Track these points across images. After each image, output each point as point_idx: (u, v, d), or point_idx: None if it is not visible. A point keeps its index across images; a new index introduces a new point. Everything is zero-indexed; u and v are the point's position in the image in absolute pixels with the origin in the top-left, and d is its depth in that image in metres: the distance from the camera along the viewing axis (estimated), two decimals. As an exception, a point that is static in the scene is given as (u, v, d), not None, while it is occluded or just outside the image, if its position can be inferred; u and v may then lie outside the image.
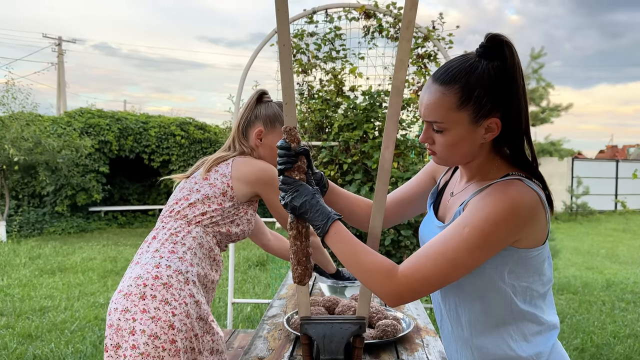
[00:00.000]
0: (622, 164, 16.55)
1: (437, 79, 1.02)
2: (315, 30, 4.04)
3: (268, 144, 1.72)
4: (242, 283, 5.90)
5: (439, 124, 1.02)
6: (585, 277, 6.53)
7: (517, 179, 1.00)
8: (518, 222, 0.95)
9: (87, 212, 11.01)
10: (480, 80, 0.98)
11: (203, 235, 1.61)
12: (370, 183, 3.75)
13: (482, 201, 0.98)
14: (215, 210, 1.61)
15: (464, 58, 1.02)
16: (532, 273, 1.04)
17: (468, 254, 0.94)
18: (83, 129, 10.77)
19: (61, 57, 21.83)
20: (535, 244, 1.01)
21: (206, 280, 1.60)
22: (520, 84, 0.99)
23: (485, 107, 0.99)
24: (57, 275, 6.31)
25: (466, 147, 1.04)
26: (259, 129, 1.72)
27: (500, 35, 0.99)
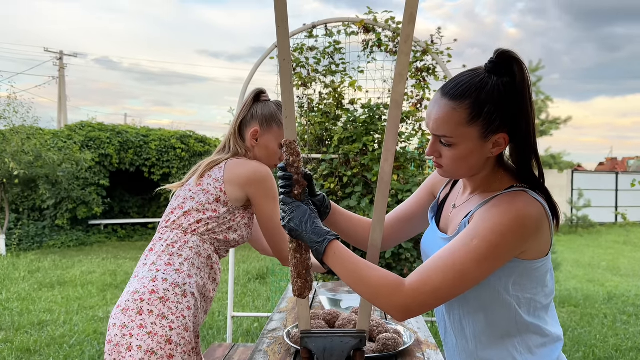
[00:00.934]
0: (621, 176, 16.56)
1: (447, 94, 1.02)
2: (315, 44, 4.07)
3: (264, 144, 1.66)
4: (242, 296, 5.87)
5: (447, 139, 1.02)
6: (587, 290, 6.50)
7: (522, 190, 1.01)
8: (525, 233, 0.96)
9: (87, 226, 11.00)
10: (491, 96, 0.99)
11: (200, 244, 1.57)
12: (370, 196, 3.75)
13: (489, 212, 0.98)
14: (210, 217, 1.57)
15: (474, 73, 1.02)
16: (536, 285, 1.04)
17: (476, 265, 0.94)
18: (84, 143, 10.80)
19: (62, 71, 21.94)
20: (539, 256, 1.02)
21: (205, 289, 1.58)
22: (529, 100, 1.00)
23: (494, 122, 1.00)
24: (56, 289, 6.28)
25: (473, 161, 1.04)
26: (255, 129, 1.66)
27: (510, 51, 1.00)
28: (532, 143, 1.02)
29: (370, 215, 3.53)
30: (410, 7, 1.03)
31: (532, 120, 1.01)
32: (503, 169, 1.08)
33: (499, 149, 1.03)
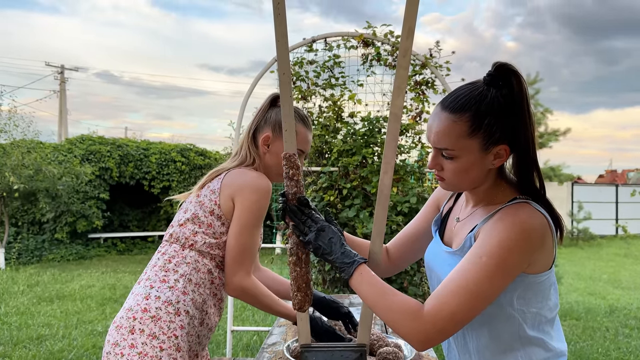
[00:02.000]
0: (621, 188, 16.57)
1: (447, 107, 1.03)
2: (314, 58, 4.10)
3: (275, 151, 1.56)
4: (242, 310, 5.84)
5: (449, 151, 1.03)
6: (588, 303, 6.47)
7: (524, 202, 1.01)
8: (531, 245, 0.96)
9: (87, 239, 10.97)
10: (491, 108, 1.00)
11: (199, 259, 1.49)
12: (370, 208, 3.75)
13: (495, 228, 0.98)
14: (206, 232, 1.50)
15: (473, 86, 1.03)
16: (540, 298, 1.04)
17: (489, 283, 0.94)
18: (84, 156, 10.82)
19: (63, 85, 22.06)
20: (543, 269, 1.02)
21: (205, 306, 1.51)
22: (527, 111, 1.01)
23: (495, 134, 1.01)
24: (55, 303, 6.25)
25: (475, 173, 1.05)
26: (267, 135, 1.56)
27: (508, 64, 1.01)
28: (533, 154, 1.03)
29: (369, 227, 3.52)
30: (409, 22, 1.04)
31: (532, 132, 1.02)
32: (505, 180, 1.09)
33: (500, 160, 1.04)
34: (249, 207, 1.46)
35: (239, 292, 1.47)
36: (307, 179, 3.98)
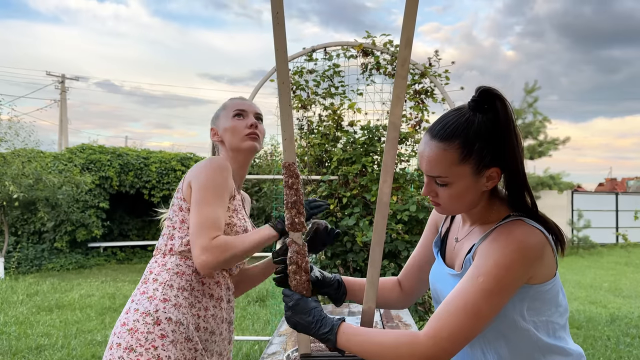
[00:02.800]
0: (621, 196, 16.56)
1: (436, 135, 1.05)
2: (314, 67, 4.12)
3: (222, 129, 1.64)
4: (242, 320, 5.82)
5: (442, 179, 1.05)
6: (589, 312, 6.45)
7: (518, 219, 1.03)
8: (527, 261, 0.97)
9: (87, 248, 10.95)
10: (479, 133, 1.02)
11: (181, 262, 1.47)
12: (370, 216, 3.75)
13: (491, 247, 1.00)
14: (180, 229, 1.50)
15: (459, 113, 1.05)
16: (550, 306, 1.05)
17: (487, 302, 0.96)
18: (84, 165, 10.83)
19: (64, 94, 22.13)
20: (547, 278, 1.03)
21: (195, 309, 1.46)
22: (515, 132, 1.03)
23: (485, 158, 1.03)
24: (54, 312, 6.23)
25: (470, 197, 1.07)
26: (211, 130, 1.69)
27: (491, 88, 1.03)
28: (522, 173, 1.05)
29: (369, 236, 3.52)
30: (407, 32, 1.05)
31: (520, 152, 1.04)
32: (497, 198, 1.11)
33: (493, 182, 1.06)
34: (202, 183, 1.44)
35: (204, 265, 1.37)
36: (307, 187, 3.99)
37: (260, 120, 1.69)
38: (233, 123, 1.62)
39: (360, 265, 3.71)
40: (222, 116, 1.66)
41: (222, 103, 1.72)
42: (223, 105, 1.71)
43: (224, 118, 1.65)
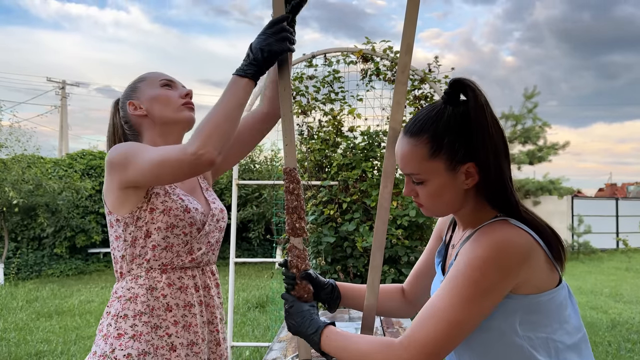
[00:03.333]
0: (622, 202, 16.55)
1: (407, 131, 1.01)
2: (314, 73, 4.14)
3: (149, 99, 1.38)
4: (242, 326, 5.80)
5: (416, 176, 1.01)
6: (590, 317, 6.43)
7: (503, 220, 0.96)
8: (507, 264, 0.89)
9: (86, 254, 10.94)
10: (447, 127, 0.97)
11: (132, 285, 1.28)
12: (370, 222, 3.75)
13: (469, 248, 0.93)
14: (115, 239, 1.31)
15: (431, 107, 1.02)
16: (551, 321, 0.95)
17: (463, 309, 0.88)
18: (84, 171, 10.83)
19: (64, 100, 22.16)
20: (544, 288, 0.94)
21: (160, 331, 1.27)
22: (490, 124, 0.96)
23: (458, 152, 0.97)
24: (54, 318, 6.22)
25: (449, 195, 1.01)
26: (130, 104, 1.39)
27: (463, 79, 0.98)
28: (502, 169, 0.97)
29: (369, 241, 3.52)
30: (407, 39, 1.06)
31: (499, 145, 0.97)
32: (487, 201, 1.03)
33: (473, 179, 0.99)
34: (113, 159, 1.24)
35: (203, 162, 1.13)
36: (307, 193, 3.99)
37: None
38: (163, 92, 1.39)
39: (361, 270, 3.71)
40: (143, 87, 1.40)
41: (133, 81, 1.45)
42: (139, 79, 1.44)
43: (147, 88, 1.40)
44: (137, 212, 1.27)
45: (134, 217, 1.27)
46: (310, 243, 3.79)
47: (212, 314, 1.40)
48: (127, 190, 1.25)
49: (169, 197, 1.29)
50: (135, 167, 1.20)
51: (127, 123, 1.42)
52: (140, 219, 1.27)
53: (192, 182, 1.45)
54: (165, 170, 1.16)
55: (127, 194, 1.26)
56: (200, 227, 1.34)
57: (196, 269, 1.36)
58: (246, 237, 11.70)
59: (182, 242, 1.31)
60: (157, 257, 1.29)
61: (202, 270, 1.38)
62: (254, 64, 1.19)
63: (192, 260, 1.33)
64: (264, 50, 1.17)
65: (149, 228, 1.27)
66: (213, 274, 1.44)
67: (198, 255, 1.34)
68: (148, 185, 1.26)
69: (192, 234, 1.32)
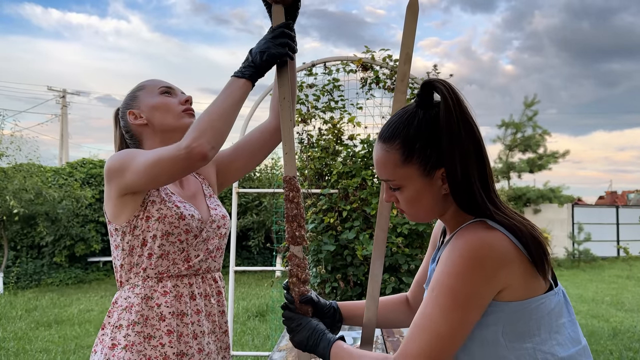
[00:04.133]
0: (622, 209, 16.54)
1: (381, 137, 1.00)
2: (314, 81, 4.15)
3: (149, 107, 1.38)
4: (242, 335, 5.78)
5: (392, 182, 0.99)
6: (591, 326, 6.41)
7: (479, 222, 0.92)
8: (486, 268, 0.85)
9: (86, 263, 10.92)
10: (419, 131, 0.95)
11: (129, 294, 1.29)
12: (370, 230, 3.75)
13: (445, 254, 0.90)
14: (115, 249, 1.33)
15: (403, 111, 0.99)
16: (539, 331, 0.90)
17: (445, 318, 0.85)
18: (84, 180, 10.84)
19: (65, 109, 22.22)
20: (529, 294, 0.89)
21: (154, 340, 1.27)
22: (455, 128, 0.91)
23: (431, 157, 0.95)
24: (53, 327, 6.19)
25: (427, 201, 0.98)
26: (130, 114, 1.39)
27: (434, 80, 0.95)
28: (470, 173, 0.92)
29: (369, 249, 3.52)
30: (406, 48, 1.06)
31: (468, 148, 0.92)
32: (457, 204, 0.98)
33: None
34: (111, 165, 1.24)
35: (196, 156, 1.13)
36: (307, 201, 3.99)
37: None
38: (163, 99, 1.39)
39: (361, 279, 3.70)
40: (142, 96, 1.40)
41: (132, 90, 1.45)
42: (138, 87, 1.44)
43: (146, 96, 1.40)
44: (134, 220, 1.28)
45: (130, 226, 1.28)
46: (311, 251, 3.78)
47: (213, 323, 1.38)
48: (125, 197, 1.26)
49: (164, 205, 1.29)
50: (131, 171, 1.20)
51: (128, 132, 1.42)
52: (137, 227, 1.28)
53: (195, 189, 1.45)
54: (161, 170, 1.16)
55: (124, 201, 1.26)
56: (197, 234, 1.33)
57: (194, 277, 1.34)
58: (246, 246, 11.68)
59: (178, 249, 1.30)
60: (153, 265, 1.29)
61: (201, 278, 1.36)
62: (252, 66, 1.21)
63: (189, 268, 1.32)
64: (263, 53, 1.20)
65: (145, 237, 1.28)
66: (215, 281, 1.41)
67: (195, 262, 1.33)
68: (146, 188, 1.25)
69: (188, 241, 1.31)
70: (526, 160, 15.63)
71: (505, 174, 15.66)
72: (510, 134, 15.77)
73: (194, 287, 1.34)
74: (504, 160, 15.67)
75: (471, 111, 0.96)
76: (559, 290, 0.94)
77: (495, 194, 0.96)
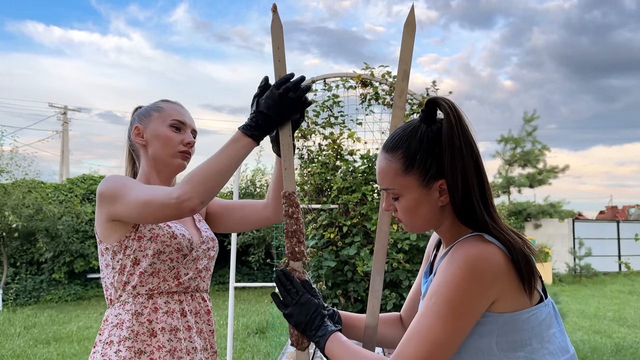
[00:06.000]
0: (623, 224, 16.50)
1: (384, 147, 1.05)
2: (314, 97, 4.18)
3: (152, 134, 1.42)
4: (241, 352, 5.73)
5: (391, 191, 1.03)
6: (594, 342, 6.36)
7: (477, 235, 0.96)
8: (482, 280, 0.89)
9: (85, 279, 10.87)
10: (420, 144, 1.00)
11: (120, 311, 1.31)
12: (370, 245, 3.74)
13: (443, 265, 0.94)
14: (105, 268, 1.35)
15: (408, 124, 1.04)
16: (531, 340, 0.93)
17: (442, 328, 0.89)
18: (85, 195, 10.84)
19: (66, 125, 22.32)
20: (521, 306, 0.93)
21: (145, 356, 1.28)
22: (457, 144, 0.96)
23: (431, 169, 0.99)
24: (52, 345, 6.15)
25: (425, 212, 1.02)
26: (135, 128, 1.45)
27: (438, 98, 1.00)
28: (470, 188, 0.97)
29: (369, 265, 3.51)
30: (404, 65, 1.08)
31: (468, 164, 0.97)
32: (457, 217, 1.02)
33: (446, 196, 1.00)
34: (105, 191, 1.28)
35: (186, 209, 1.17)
36: (307, 216, 3.99)
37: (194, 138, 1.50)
38: (168, 133, 1.42)
39: (361, 295, 3.68)
40: (154, 119, 1.44)
41: (154, 103, 1.50)
42: (157, 106, 1.47)
43: (157, 122, 1.43)
44: (125, 241, 1.31)
45: (122, 246, 1.31)
46: (311, 267, 3.77)
47: (205, 340, 1.41)
48: (115, 222, 1.30)
49: (156, 225, 1.32)
50: (122, 203, 1.24)
51: (129, 141, 1.49)
52: (129, 247, 1.31)
53: None
54: (150, 211, 1.20)
55: (115, 225, 1.30)
56: (187, 253, 1.36)
57: (184, 294, 1.37)
58: (246, 261, 11.64)
59: (168, 267, 1.33)
60: (143, 282, 1.31)
61: (191, 296, 1.39)
62: (260, 126, 1.20)
63: (179, 285, 1.35)
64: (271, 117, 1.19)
65: (137, 256, 1.31)
66: (204, 300, 1.44)
67: (185, 279, 1.36)
68: (132, 222, 1.29)
69: (178, 260, 1.35)
70: (526, 175, 15.64)
71: (505, 188, 15.66)
72: (509, 149, 15.81)
73: (184, 304, 1.36)
74: (504, 175, 15.69)
75: (471, 129, 1.00)
76: (549, 302, 0.99)
77: (493, 208, 1.00)
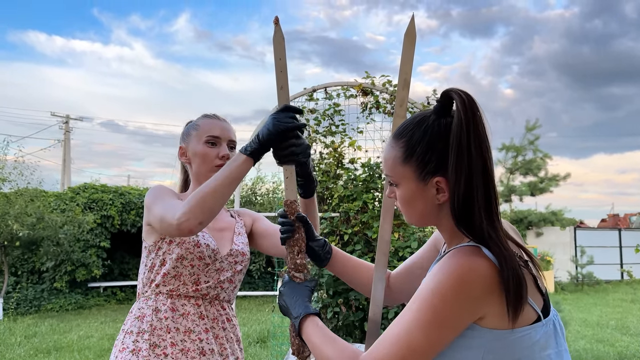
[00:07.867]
0: (624, 232, 16.47)
1: (393, 134, 1.03)
2: (315, 106, 4.20)
3: (192, 153, 1.56)
4: (243, 360, 5.70)
5: (390, 178, 1.01)
6: (597, 351, 6.32)
7: (474, 246, 0.90)
8: (469, 293, 0.84)
9: (86, 288, 10.84)
10: (424, 136, 0.95)
11: (143, 305, 1.47)
12: (372, 253, 3.74)
13: (433, 271, 0.89)
14: (142, 265, 1.53)
15: (421, 113, 1.00)
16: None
17: (421, 334, 0.84)
18: (86, 204, 10.84)
19: (68, 134, 22.38)
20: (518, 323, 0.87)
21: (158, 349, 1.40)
22: (466, 143, 0.90)
23: (429, 163, 0.94)
24: (52, 354, 6.12)
25: (420, 206, 0.98)
26: (180, 148, 1.60)
27: (454, 90, 0.94)
28: (473, 193, 0.90)
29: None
30: (404, 74, 1.09)
31: (476, 167, 0.90)
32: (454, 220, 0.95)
33: (443, 195, 0.95)
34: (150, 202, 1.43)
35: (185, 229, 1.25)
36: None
37: (233, 149, 1.59)
38: (204, 150, 1.54)
39: (363, 303, 3.68)
40: (193, 137, 1.56)
41: (195, 120, 1.62)
42: (195, 124, 1.60)
43: (195, 140, 1.56)
44: (160, 242, 1.47)
45: (155, 247, 1.47)
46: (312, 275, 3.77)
47: (221, 346, 1.48)
48: (150, 226, 1.46)
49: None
50: (151, 214, 1.40)
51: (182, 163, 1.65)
52: (161, 248, 1.47)
53: (225, 225, 1.61)
54: (164, 227, 1.33)
55: (152, 228, 1.46)
56: (209, 262, 1.48)
57: (202, 299, 1.48)
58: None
59: (189, 272, 1.46)
60: (165, 283, 1.46)
61: (209, 302, 1.50)
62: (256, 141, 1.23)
63: (197, 290, 1.47)
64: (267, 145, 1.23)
65: (165, 257, 1.46)
66: (224, 308, 1.54)
67: (203, 287, 1.47)
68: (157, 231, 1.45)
69: (200, 267, 1.46)
70: (527, 184, 15.64)
71: (506, 197, 15.65)
72: (511, 157, 15.82)
73: (202, 308, 1.47)
74: (505, 184, 15.68)
75: (487, 128, 0.93)
76: (549, 321, 0.92)
77: (497, 217, 0.92)
